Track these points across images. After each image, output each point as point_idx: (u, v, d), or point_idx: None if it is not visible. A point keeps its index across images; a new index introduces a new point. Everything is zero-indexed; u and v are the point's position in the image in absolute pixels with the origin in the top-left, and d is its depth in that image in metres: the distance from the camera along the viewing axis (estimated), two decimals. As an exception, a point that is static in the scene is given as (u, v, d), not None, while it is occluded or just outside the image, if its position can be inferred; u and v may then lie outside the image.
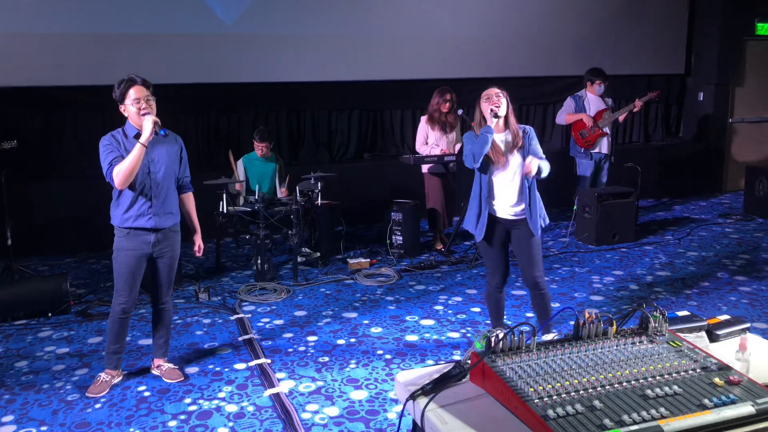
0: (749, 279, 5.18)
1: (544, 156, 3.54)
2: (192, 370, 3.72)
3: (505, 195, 3.52)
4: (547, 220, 3.64)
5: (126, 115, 3.34)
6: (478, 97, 3.57)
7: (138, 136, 3.27)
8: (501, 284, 3.70)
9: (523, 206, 3.52)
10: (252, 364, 3.79)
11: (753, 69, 8.92)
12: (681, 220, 7.42)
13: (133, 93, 3.27)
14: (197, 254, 3.75)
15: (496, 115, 3.43)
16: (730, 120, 8.96)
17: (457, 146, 5.86)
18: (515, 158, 3.50)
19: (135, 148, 3.23)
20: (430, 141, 5.90)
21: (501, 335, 1.84)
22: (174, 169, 3.49)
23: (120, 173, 3.23)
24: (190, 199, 3.70)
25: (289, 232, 5.33)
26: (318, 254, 5.77)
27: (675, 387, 1.67)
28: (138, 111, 3.27)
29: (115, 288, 3.45)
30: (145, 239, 3.39)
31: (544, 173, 3.43)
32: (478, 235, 3.56)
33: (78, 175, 6.45)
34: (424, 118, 5.94)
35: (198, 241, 3.73)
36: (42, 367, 3.82)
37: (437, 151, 5.83)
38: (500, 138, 3.51)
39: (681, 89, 9.29)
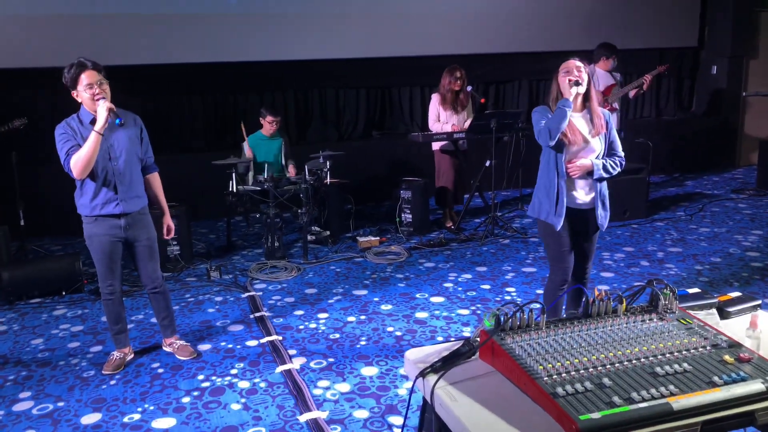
0: (761, 255, 5.15)
1: (620, 149, 3.28)
2: (204, 347, 3.77)
3: (581, 182, 3.23)
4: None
5: (79, 100, 3.23)
6: (555, 70, 3.23)
7: (93, 121, 3.17)
8: (565, 280, 3.33)
9: (593, 195, 3.26)
10: (264, 341, 3.83)
11: (767, 41, 8.75)
12: (693, 195, 7.36)
13: (84, 78, 3.14)
14: (166, 236, 3.65)
15: (576, 83, 3.09)
16: (744, 93, 8.81)
17: (467, 123, 5.82)
18: (595, 143, 3.20)
19: (90, 137, 3.12)
20: (441, 119, 5.86)
21: (510, 313, 1.84)
22: (135, 151, 3.38)
23: (77, 163, 3.13)
24: (155, 179, 3.59)
25: (299, 210, 5.35)
26: (328, 232, 5.79)
27: (685, 364, 1.67)
28: (92, 97, 3.14)
29: (98, 274, 3.43)
30: (115, 224, 3.33)
31: (597, 174, 3.16)
32: (557, 223, 3.22)
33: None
34: (435, 96, 5.89)
35: (167, 221, 3.64)
36: (57, 344, 3.88)
37: (448, 128, 5.80)
38: (577, 118, 3.21)
39: (694, 62, 9.15)
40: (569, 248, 3.31)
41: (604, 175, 3.21)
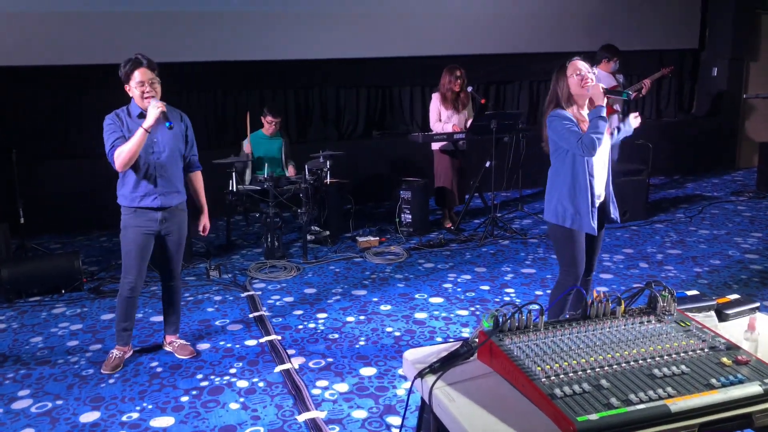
0: (761, 257, 5.15)
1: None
2: (203, 346, 3.77)
3: (600, 179, 3.24)
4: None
5: (130, 95, 3.31)
6: (558, 69, 3.21)
7: (141, 115, 3.24)
8: (577, 282, 3.31)
9: (605, 186, 3.30)
10: (263, 340, 3.83)
11: (768, 43, 8.77)
12: (693, 197, 7.36)
13: (138, 75, 3.22)
14: (203, 234, 3.73)
15: (612, 92, 3.28)
16: (745, 96, 8.82)
17: (468, 123, 5.82)
18: (607, 139, 3.25)
19: (137, 133, 3.19)
20: (443, 118, 5.86)
21: (509, 314, 1.84)
22: (180, 148, 3.45)
23: (121, 156, 3.20)
24: (198, 178, 3.67)
25: (299, 210, 5.35)
26: (327, 232, 5.79)
27: (683, 366, 1.68)
28: (141, 94, 3.23)
29: (123, 266, 3.45)
30: (152, 217, 3.39)
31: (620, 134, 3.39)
32: (593, 228, 3.17)
33: (89, 153, 6.48)
34: (436, 95, 5.89)
35: (204, 220, 3.71)
36: (56, 342, 3.88)
37: (450, 128, 5.80)
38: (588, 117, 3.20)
39: (694, 64, 9.15)
40: (584, 244, 3.28)
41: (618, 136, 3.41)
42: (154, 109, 3.18)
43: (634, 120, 3.39)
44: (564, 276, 3.34)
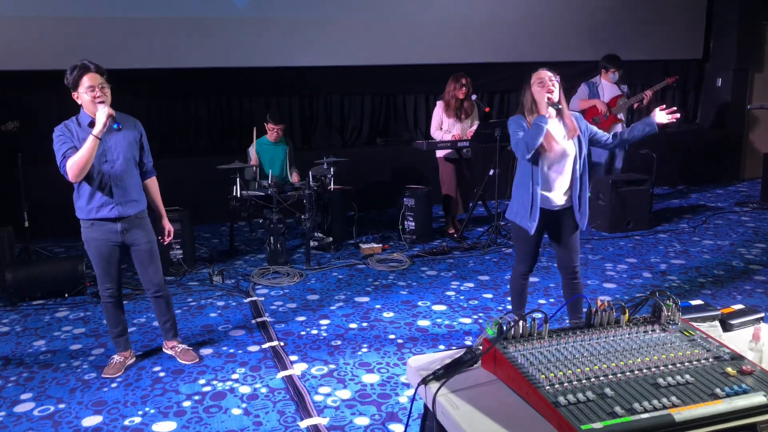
0: (765, 268, 5.14)
1: (602, 135, 3.49)
2: (206, 351, 3.77)
3: (558, 184, 3.39)
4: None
5: (79, 102, 3.23)
6: (527, 79, 3.39)
7: (92, 124, 3.16)
8: (528, 272, 3.64)
9: (568, 196, 3.42)
10: (265, 346, 3.83)
11: (773, 54, 8.77)
12: (696, 207, 7.35)
13: (86, 80, 3.15)
14: (165, 241, 3.67)
15: (554, 105, 3.27)
16: (749, 106, 8.82)
17: (471, 131, 5.84)
18: (569, 146, 3.36)
19: (88, 141, 3.10)
20: (444, 126, 5.87)
21: (513, 322, 1.84)
22: (134, 155, 3.37)
23: (73, 166, 3.12)
24: (154, 184, 3.59)
25: (302, 216, 5.35)
26: (330, 239, 5.79)
27: (687, 376, 1.67)
28: (93, 99, 3.15)
29: (97, 277, 3.44)
30: (111, 228, 3.33)
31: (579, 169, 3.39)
32: (531, 228, 3.39)
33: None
34: (439, 103, 5.91)
35: (167, 226, 3.66)
36: (59, 346, 3.89)
37: (449, 137, 5.81)
38: (553, 125, 3.34)
39: (699, 75, 9.15)
40: (535, 245, 3.54)
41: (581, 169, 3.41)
42: (102, 114, 3.10)
43: (661, 115, 3.33)
44: (516, 265, 3.68)
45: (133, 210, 3.38)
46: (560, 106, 3.31)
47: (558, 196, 3.41)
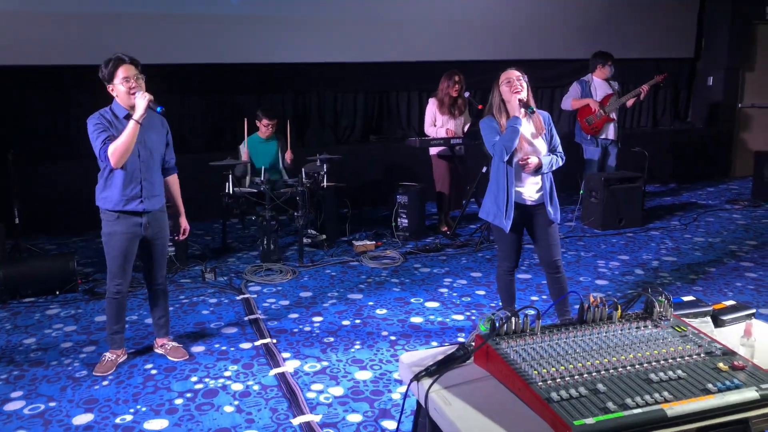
0: (755, 265, 5.17)
1: (560, 146, 3.54)
2: (198, 348, 3.76)
3: (530, 181, 3.50)
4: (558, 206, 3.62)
5: (114, 94, 3.25)
6: (496, 79, 3.49)
7: (128, 116, 3.20)
8: (512, 268, 3.69)
9: (541, 192, 3.52)
10: (258, 343, 3.82)
11: (764, 53, 8.81)
12: (688, 205, 7.38)
13: (121, 72, 3.18)
14: (181, 237, 3.71)
15: (526, 106, 3.35)
16: (740, 105, 8.88)
17: (465, 128, 5.83)
18: (539, 143, 3.46)
19: (129, 125, 3.15)
20: (437, 123, 5.87)
21: (505, 318, 1.84)
22: (161, 151, 3.44)
23: (116, 151, 3.15)
24: (175, 181, 3.63)
25: (295, 213, 5.34)
26: (323, 236, 5.78)
27: (679, 371, 1.68)
28: (128, 90, 3.19)
29: (109, 271, 3.42)
30: (136, 222, 3.35)
31: (546, 169, 3.46)
32: (507, 225, 3.48)
33: (85, 154, 6.47)
34: (432, 100, 5.91)
35: (183, 224, 3.69)
36: (50, 344, 3.86)
37: (443, 133, 5.81)
38: (522, 124, 3.43)
39: (690, 74, 9.20)
40: (515, 242, 3.60)
41: (546, 170, 3.48)
42: (142, 100, 3.14)
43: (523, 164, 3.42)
44: (499, 262, 3.74)
45: (157, 205, 3.43)
46: (533, 109, 3.38)
47: (530, 192, 3.50)
